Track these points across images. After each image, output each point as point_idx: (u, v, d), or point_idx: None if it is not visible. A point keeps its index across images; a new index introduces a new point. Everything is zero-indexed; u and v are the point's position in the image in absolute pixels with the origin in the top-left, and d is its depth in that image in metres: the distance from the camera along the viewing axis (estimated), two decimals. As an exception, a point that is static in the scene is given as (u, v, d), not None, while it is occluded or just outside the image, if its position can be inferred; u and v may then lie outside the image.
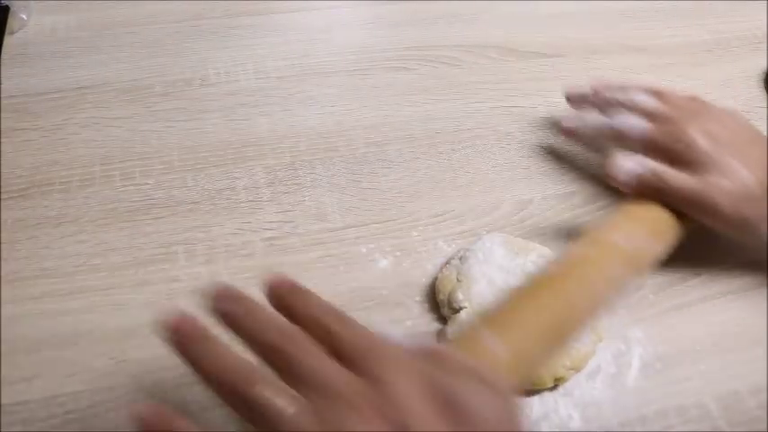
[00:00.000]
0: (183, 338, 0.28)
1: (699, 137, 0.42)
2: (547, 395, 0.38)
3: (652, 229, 0.40)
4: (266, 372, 0.27)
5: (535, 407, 0.38)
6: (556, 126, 0.50)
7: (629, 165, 0.43)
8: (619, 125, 0.46)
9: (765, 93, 0.58)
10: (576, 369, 0.38)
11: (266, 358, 0.28)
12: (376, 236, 0.46)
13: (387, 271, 0.44)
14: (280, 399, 0.26)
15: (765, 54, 0.62)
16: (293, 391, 0.27)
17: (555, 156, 0.52)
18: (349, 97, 0.56)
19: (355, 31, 0.65)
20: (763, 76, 0.60)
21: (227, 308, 0.29)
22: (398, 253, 0.45)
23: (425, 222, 0.47)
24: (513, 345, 0.32)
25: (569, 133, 0.50)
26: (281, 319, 0.30)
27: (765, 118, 0.55)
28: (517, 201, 0.49)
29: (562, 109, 0.55)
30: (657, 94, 0.47)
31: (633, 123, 0.45)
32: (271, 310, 0.30)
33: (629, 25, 0.65)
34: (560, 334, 0.34)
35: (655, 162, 0.43)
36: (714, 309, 0.43)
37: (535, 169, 0.51)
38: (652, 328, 0.41)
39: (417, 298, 0.43)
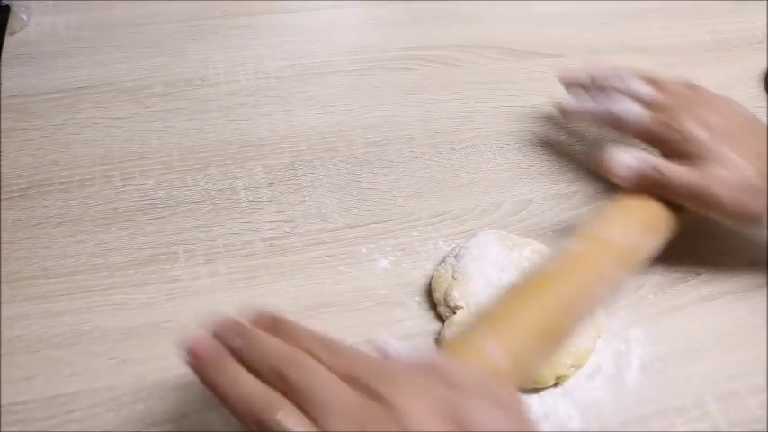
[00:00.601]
0: (200, 363, 0.29)
1: (695, 127, 0.42)
2: (547, 395, 0.38)
3: (646, 223, 0.40)
4: (276, 397, 0.28)
5: (535, 407, 0.38)
6: (556, 108, 0.50)
7: (627, 160, 0.42)
8: (618, 111, 0.46)
9: (765, 93, 0.58)
10: (578, 366, 0.39)
11: (273, 384, 0.28)
12: (376, 236, 0.46)
13: (387, 271, 0.44)
14: (290, 423, 0.26)
15: (765, 54, 0.62)
16: (304, 417, 0.27)
17: (555, 156, 0.52)
18: (349, 97, 0.56)
19: (355, 31, 0.64)
20: (763, 76, 0.60)
21: (229, 342, 0.30)
22: (398, 253, 0.45)
23: (425, 222, 0.47)
24: (512, 349, 0.32)
25: (567, 115, 0.50)
26: (279, 345, 0.30)
27: (766, 118, 0.55)
28: (517, 201, 0.49)
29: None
30: (653, 82, 0.47)
31: (631, 110, 0.45)
32: (269, 337, 0.30)
33: (629, 25, 0.65)
34: (557, 334, 0.34)
35: (653, 156, 0.42)
36: (714, 309, 0.43)
37: (535, 169, 0.51)
38: (652, 328, 0.41)
39: (417, 298, 0.43)
